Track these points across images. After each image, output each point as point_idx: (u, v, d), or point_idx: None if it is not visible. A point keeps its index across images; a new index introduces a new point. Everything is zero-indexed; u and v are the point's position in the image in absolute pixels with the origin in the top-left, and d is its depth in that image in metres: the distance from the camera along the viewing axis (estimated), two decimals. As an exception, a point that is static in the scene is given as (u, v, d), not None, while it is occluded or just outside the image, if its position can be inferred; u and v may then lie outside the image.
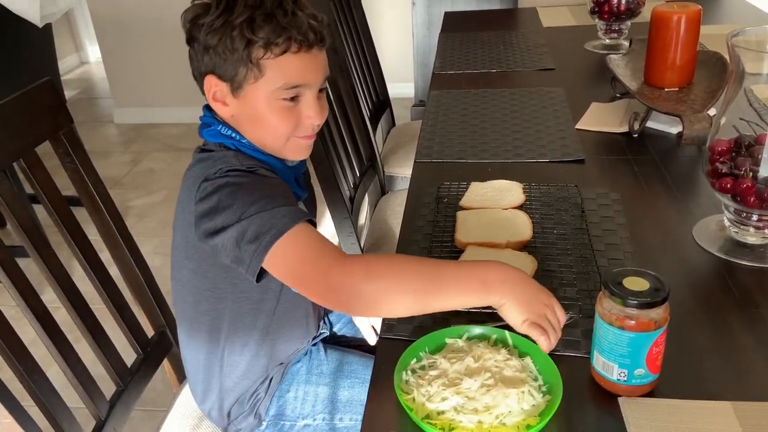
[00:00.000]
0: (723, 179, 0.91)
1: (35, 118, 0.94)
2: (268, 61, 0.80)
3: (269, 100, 0.83)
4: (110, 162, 3.26)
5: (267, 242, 0.74)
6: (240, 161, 0.83)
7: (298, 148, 0.89)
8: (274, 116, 0.84)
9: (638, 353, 0.67)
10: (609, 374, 0.69)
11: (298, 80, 0.82)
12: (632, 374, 0.68)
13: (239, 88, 0.83)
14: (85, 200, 1.01)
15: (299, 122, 0.85)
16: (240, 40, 0.79)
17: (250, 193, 0.78)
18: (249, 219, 0.75)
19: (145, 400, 1.14)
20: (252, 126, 0.86)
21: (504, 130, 1.37)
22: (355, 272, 0.74)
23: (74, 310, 0.95)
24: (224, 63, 0.81)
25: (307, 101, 0.85)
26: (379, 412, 0.70)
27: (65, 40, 4.58)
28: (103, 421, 0.97)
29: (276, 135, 0.86)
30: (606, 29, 1.83)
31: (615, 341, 0.67)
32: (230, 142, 0.86)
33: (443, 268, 0.76)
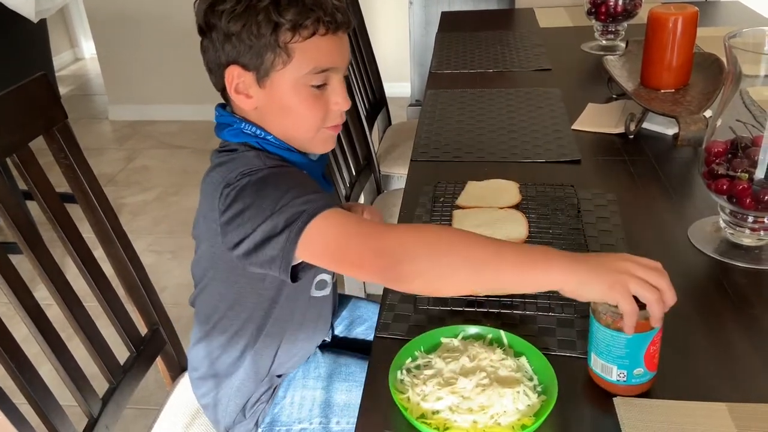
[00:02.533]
0: (719, 181, 0.91)
1: (29, 113, 0.93)
2: (297, 45, 0.77)
3: (297, 87, 0.79)
4: (104, 159, 3.25)
5: (298, 228, 0.71)
6: (263, 161, 0.79)
7: (326, 140, 0.86)
8: (303, 105, 0.80)
9: (636, 353, 0.67)
10: (608, 376, 0.69)
11: (327, 63, 0.80)
12: (631, 374, 0.68)
13: (266, 76, 0.79)
14: (79, 197, 1.01)
15: (328, 110, 0.82)
16: (266, 24, 0.75)
17: (275, 187, 0.75)
18: (278, 212, 0.72)
19: (138, 398, 1.13)
20: (279, 118, 0.82)
21: (500, 130, 1.37)
22: (405, 235, 0.70)
23: (67, 307, 0.94)
24: (249, 50, 0.77)
25: (334, 86, 0.82)
26: (374, 412, 0.70)
27: (60, 35, 4.56)
28: (95, 419, 0.96)
29: (306, 126, 0.82)
30: (603, 30, 1.84)
31: (612, 343, 0.67)
32: (255, 141, 0.82)
33: (501, 243, 0.70)
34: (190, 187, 2.95)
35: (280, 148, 0.83)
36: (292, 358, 0.98)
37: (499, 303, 0.84)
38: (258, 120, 0.83)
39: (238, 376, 0.96)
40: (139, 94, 3.64)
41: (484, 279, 0.68)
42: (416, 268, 0.68)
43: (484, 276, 0.68)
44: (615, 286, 0.63)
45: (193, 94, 3.60)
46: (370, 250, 0.70)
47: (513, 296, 0.85)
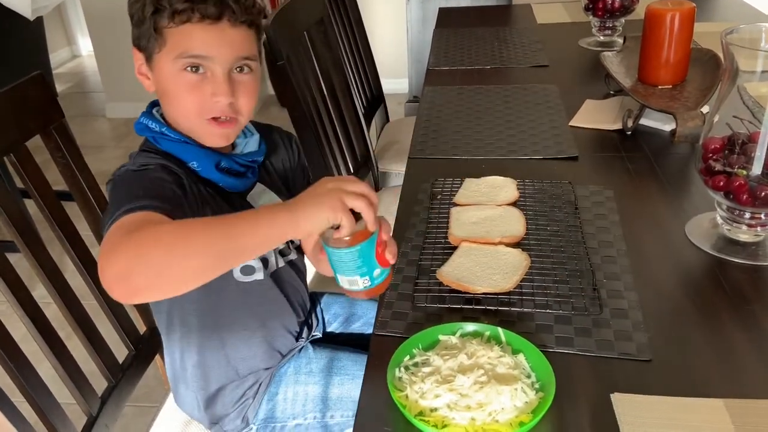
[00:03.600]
0: (716, 177, 0.91)
1: (26, 112, 0.93)
2: (171, 30, 0.81)
3: (172, 71, 0.82)
4: (102, 156, 3.24)
5: (106, 227, 0.69)
6: (139, 161, 0.83)
7: (212, 134, 0.86)
8: (178, 89, 0.83)
9: (370, 258, 0.73)
10: (356, 287, 0.75)
11: (198, 50, 0.81)
12: (372, 277, 0.74)
13: (150, 59, 0.84)
14: (77, 195, 1.01)
15: (206, 100, 0.83)
16: (149, 7, 0.80)
17: (119, 190, 0.77)
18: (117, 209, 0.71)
19: (137, 396, 1.13)
20: (165, 101, 0.86)
21: (498, 127, 1.37)
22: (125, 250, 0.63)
23: (65, 306, 0.94)
24: (139, 33, 0.83)
25: (215, 78, 0.82)
26: (372, 410, 0.70)
27: (57, 33, 4.55)
28: (95, 417, 0.96)
29: (184, 112, 0.85)
30: (600, 26, 1.84)
31: (349, 259, 0.72)
32: (151, 135, 0.86)
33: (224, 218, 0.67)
34: (188, 184, 2.94)
35: (176, 141, 0.85)
36: (261, 348, 0.97)
37: (497, 300, 0.85)
38: (160, 102, 0.88)
39: (195, 371, 0.96)
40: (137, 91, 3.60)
41: (222, 256, 0.65)
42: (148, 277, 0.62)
43: (222, 252, 0.65)
44: (335, 207, 0.67)
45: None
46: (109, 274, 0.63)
47: (511, 293, 0.85)
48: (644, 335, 0.78)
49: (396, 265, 0.75)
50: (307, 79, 1.52)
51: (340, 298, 1.17)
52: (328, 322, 1.14)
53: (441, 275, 0.88)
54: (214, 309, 0.93)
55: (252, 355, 0.97)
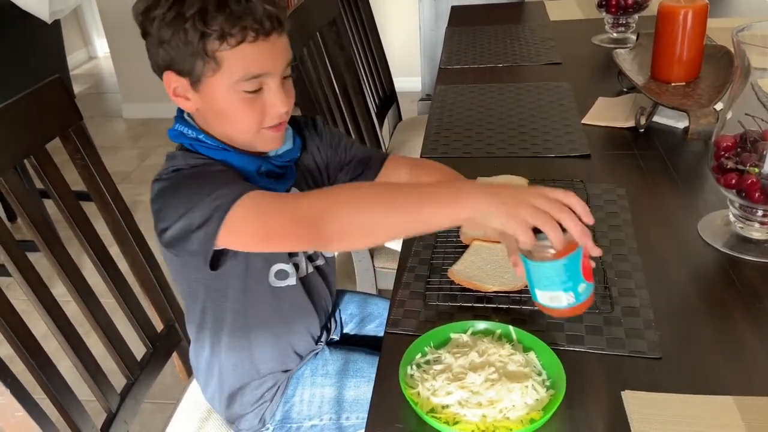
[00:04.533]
0: (728, 175, 0.91)
1: (45, 115, 0.95)
2: (225, 53, 0.77)
3: (230, 92, 0.80)
4: (119, 157, 3.29)
5: (215, 224, 0.73)
6: (186, 161, 0.82)
7: (270, 139, 0.86)
8: (238, 109, 0.81)
9: (575, 272, 0.68)
10: (559, 304, 0.70)
11: (258, 70, 0.79)
12: (578, 293, 0.69)
13: (198, 81, 0.80)
14: (95, 196, 1.03)
15: (265, 112, 0.82)
16: (193, 32, 0.76)
17: (188, 186, 0.77)
18: (192, 210, 0.74)
19: (155, 392, 1.15)
20: (216, 120, 0.83)
21: (510, 125, 1.37)
22: (319, 198, 0.74)
23: (84, 304, 0.96)
24: (180, 57, 0.78)
25: (271, 90, 0.81)
26: (385, 406, 0.71)
27: (74, 35, 4.60)
28: (114, 413, 0.98)
29: (242, 129, 0.83)
30: (613, 23, 1.83)
31: (554, 273, 0.68)
32: (188, 142, 0.85)
33: (412, 186, 0.76)
34: (203, 183, 2.97)
35: (214, 148, 0.84)
36: (284, 352, 0.98)
37: (508, 299, 0.85)
38: (201, 121, 0.85)
39: (220, 368, 0.98)
40: (152, 91, 3.67)
41: (404, 223, 0.71)
42: (337, 227, 0.71)
43: (404, 220, 0.71)
44: (511, 216, 0.66)
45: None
46: (288, 220, 0.73)
47: (522, 292, 0.86)
48: (655, 333, 0.78)
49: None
50: (320, 78, 1.53)
51: (356, 298, 1.18)
52: (344, 322, 1.15)
53: (452, 274, 0.89)
54: (247, 310, 0.93)
55: (275, 357, 0.98)
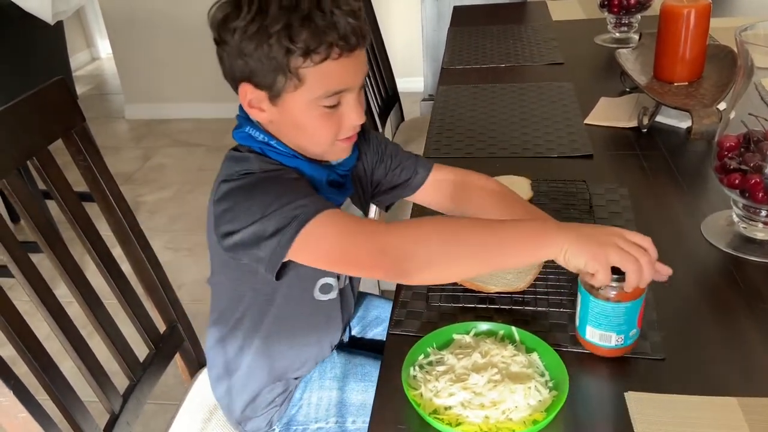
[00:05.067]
0: (731, 175, 0.91)
1: (48, 116, 0.95)
2: (308, 70, 0.75)
3: (310, 108, 0.78)
4: (121, 157, 3.29)
5: (290, 235, 0.73)
6: (259, 165, 0.80)
7: (340, 150, 0.85)
8: (316, 123, 0.80)
9: (632, 318, 0.72)
10: (607, 343, 0.73)
11: (340, 86, 0.78)
12: (628, 336, 0.73)
13: (277, 96, 0.78)
14: (98, 197, 1.03)
15: (341, 125, 0.81)
16: (278, 48, 0.73)
17: (265, 192, 0.76)
18: (268, 217, 0.73)
19: (158, 393, 1.15)
20: (292, 133, 0.82)
21: (512, 125, 1.37)
22: (406, 231, 0.73)
23: (87, 305, 0.96)
24: (260, 71, 0.76)
25: (348, 104, 0.80)
26: (388, 408, 0.71)
27: (76, 36, 4.61)
28: (117, 415, 0.98)
29: (318, 142, 0.82)
30: (616, 23, 1.83)
31: (613, 314, 0.71)
32: (258, 146, 0.83)
33: (496, 224, 0.74)
34: (206, 184, 2.97)
35: (285, 154, 0.83)
36: (305, 360, 0.98)
37: (510, 300, 0.85)
38: (274, 131, 0.83)
39: (243, 371, 0.97)
40: (155, 92, 3.68)
41: (487, 261, 0.72)
42: (421, 262, 0.71)
43: (487, 259, 0.72)
44: (597, 256, 0.67)
45: (207, 92, 3.63)
46: (374, 249, 0.73)
47: (525, 293, 0.85)
48: (658, 334, 0.78)
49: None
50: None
51: (361, 299, 1.18)
52: (351, 325, 1.15)
53: (455, 274, 0.88)
54: (287, 319, 0.93)
55: (295, 365, 0.98)
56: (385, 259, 0.72)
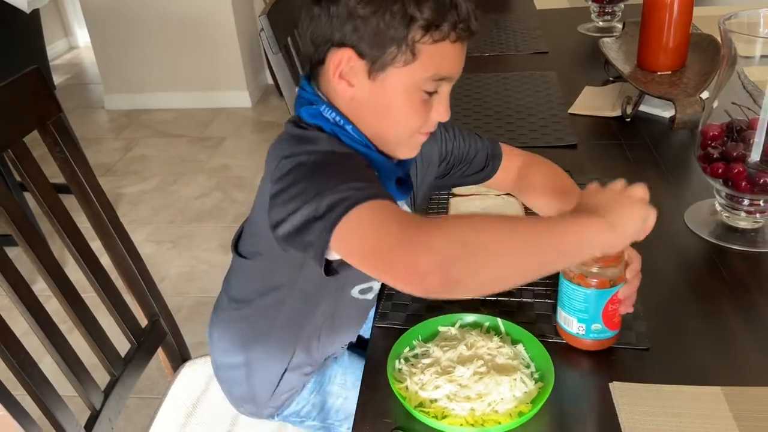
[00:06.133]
0: (715, 164, 0.91)
1: (23, 107, 0.93)
2: (425, 46, 0.69)
3: (410, 89, 0.72)
4: (102, 149, 3.24)
5: (337, 215, 0.62)
6: (332, 146, 0.73)
7: (415, 146, 0.79)
8: (408, 108, 0.74)
9: (595, 309, 0.72)
10: (569, 328, 0.74)
11: (448, 72, 0.73)
12: (590, 329, 0.73)
13: (381, 70, 0.71)
14: (75, 189, 1.01)
15: (428, 117, 0.76)
16: (401, 16, 0.68)
17: (327, 172, 0.68)
18: (322, 195, 0.64)
19: (141, 387, 1.14)
20: (376, 115, 0.75)
21: (497, 115, 1.36)
22: (456, 227, 0.59)
23: (66, 300, 0.94)
24: (372, 38, 0.69)
25: (442, 95, 0.75)
26: (372, 401, 0.71)
27: (54, 24, 4.53)
28: (98, 411, 0.97)
29: (403, 129, 0.76)
30: (599, 11, 1.82)
31: (574, 297, 0.72)
32: (330, 127, 0.75)
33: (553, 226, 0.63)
34: (188, 175, 2.95)
35: (357, 142, 0.76)
36: (324, 354, 0.94)
37: (496, 290, 0.85)
38: (348, 110, 0.75)
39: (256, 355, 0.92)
40: (135, 82, 3.62)
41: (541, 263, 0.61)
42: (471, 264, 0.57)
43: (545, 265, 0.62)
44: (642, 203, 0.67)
45: (189, 82, 3.59)
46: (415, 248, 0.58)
47: (510, 283, 0.85)
48: (643, 324, 0.78)
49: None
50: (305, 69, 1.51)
51: None
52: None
53: (440, 266, 0.88)
54: (331, 316, 0.88)
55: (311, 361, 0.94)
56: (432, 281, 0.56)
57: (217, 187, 2.84)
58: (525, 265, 0.60)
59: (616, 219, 0.63)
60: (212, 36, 3.41)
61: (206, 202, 2.73)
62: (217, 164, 3.03)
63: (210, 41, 3.43)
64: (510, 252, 0.59)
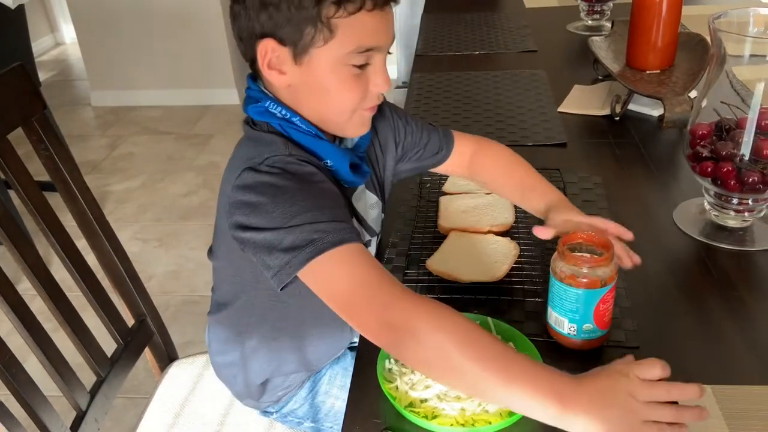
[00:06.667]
0: (704, 163, 0.91)
1: (7, 104, 0.91)
2: (340, 20, 0.69)
3: (337, 66, 0.72)
4: (88, 146, 3.21)
5: (303, 257, 0.66)
6: (289, 150, 0.74)
7: (362, 122, 0.79)
8: (342, 86, 0.73)
9: (586, 309, 0.71)
10: (560, 328, 0.74)
11: (371, 42, 0.72)
12: (581, 329, 0.72)
13: (303, 52, 0.71)
14: (60, 188, 0.99)
15: (366, 91, 0.75)
16: None
17: (293, 201, 0.69)
18: (288, 229, 0.67)
19: (127, 387, 1.13)
20: (314, 98, 0.75)
21: (487, 113, 1.36)
22: (424, 315, 0.63)
23: (51, 299, 0.93)
24: (287, 23, 0.69)
25: (376, 67, 0.74)
26: (362, 402, 0.70)
27: (39, 20, 4.48)
28: (84, 412, 0.96)
29: (342, 108, 0.76)
30: (588, 10, 1.83)
31: (565, 297, 0.71)
32: (277, 123, 0.76)
33: (515, 356, 0.62)
34: (175, 173, 2.92)
35: (307, 134, 0.76)
36: (319, 356, 0.94)
37: (487, 289, 0.84)
38: (290, 98, 0.76)
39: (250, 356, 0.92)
40: (122, 79, 3.59)
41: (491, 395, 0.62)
42: (421, 356, 0.62)
43: (484, 394, 0.63)
44: None
45: (176, 79, 3.56)
46: (376, 318, 0.64)
47: (500, 282, 0.85)
48: (632, 322, 0.78)
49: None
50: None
51: None
52: None
53: (430, 265, 0.87)
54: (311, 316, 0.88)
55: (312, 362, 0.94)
56: (386, 336, 0.64)
57: (204, 184, 2.82)
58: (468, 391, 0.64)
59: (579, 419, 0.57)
60: (200, 32, 3.39)
61: (194, 200, 2.71)
62: (204, 162, 3.01)
63: (198, 37, 3.41)
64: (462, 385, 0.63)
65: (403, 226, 0.99)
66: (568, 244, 0.73)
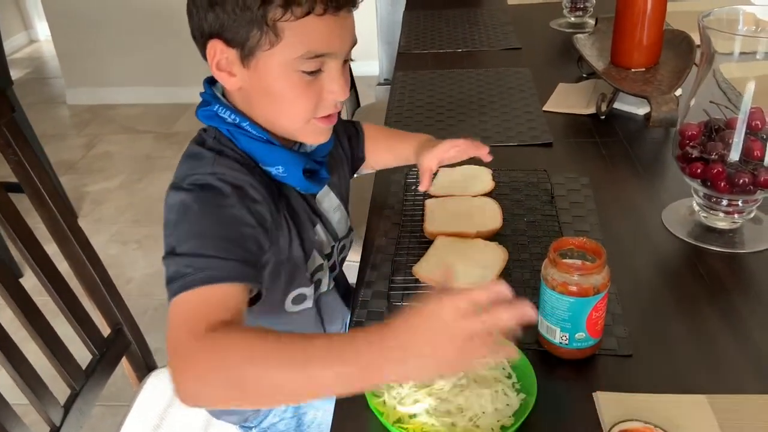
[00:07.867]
0: (694, 164, 0.90)
1: (-29, 107, 0.87)
2: (287, 24, 0.66)
3: (286, 71, 0.69)
4: (64, 145, 3.13)
5: (172, 291, 0.63)
6: (214, 168, 0.70)
7: (317, 132, 0.76)
8: (292, 92, 0.71)
9: (578, 318, 0.69)
10: (552, 337, 0.71)
11: (322, 48, 0.69)
12: (573, 338, 0.70)
13: (250, 55, 0.69)
14: (30, 193, 0.95)
15: (320, 99, 0.73)
16: None
17: (190, 225, 0.66)
18: (172, 257, 0.65)
19: (106, 394, 1.08)
20: (263, 103, 0.73)
21: (471, 113, 1.34)
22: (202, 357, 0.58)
23: (20, 309, 0.89)
24: (233, 24, 0.67)
25: (331, 74, 0.71)
26: (348, 418, 0.67)
27: (12, 17, 4.38)
28: (58, 427, 0.92)
29: (293, 115, 0.73)
30: (571, 7, 1.81)
31: (557, 306, 0.69)
32: (226, 128, 0.74)
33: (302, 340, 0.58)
34: (155, 173, 2.87)
35: (258, 139, 0.74)
36: None
37: (474, 295, 0.82)
38: (242, 102, 0.74)
39: None
40: (98, 76, 3.52)
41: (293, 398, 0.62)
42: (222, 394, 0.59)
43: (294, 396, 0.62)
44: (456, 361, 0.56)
45: (155, 76, 3.50)
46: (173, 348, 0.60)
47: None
48: (624, 329, 0.76)
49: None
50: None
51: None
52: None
53: (417, 272, 0.85)
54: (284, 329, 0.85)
55: None
56: (171, 361, 0.59)
57: (184, 184, 2.77)
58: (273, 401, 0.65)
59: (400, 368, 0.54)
60: (178, 29, 3.31)
61: (173, 200, 2.66)
62: (184, 161, 2.96)
63: (176, 34, 3.34)
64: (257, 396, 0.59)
65: (388, 230, 0.97)
66: (559, 251, 0.71)
